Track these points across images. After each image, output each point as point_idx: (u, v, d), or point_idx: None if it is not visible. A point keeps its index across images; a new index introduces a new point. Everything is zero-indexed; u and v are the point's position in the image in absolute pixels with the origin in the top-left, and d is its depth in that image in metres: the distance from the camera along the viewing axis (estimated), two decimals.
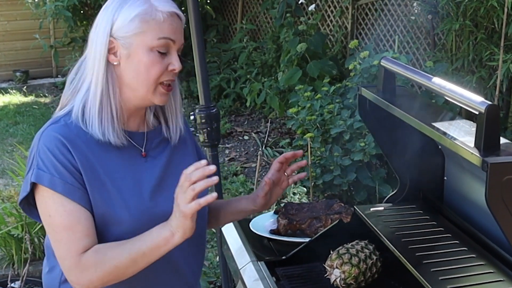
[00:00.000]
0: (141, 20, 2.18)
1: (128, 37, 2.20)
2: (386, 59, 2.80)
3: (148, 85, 2.22)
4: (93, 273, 2.13)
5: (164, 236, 2.10)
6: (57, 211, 2.16)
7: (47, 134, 2.19)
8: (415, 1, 7.52)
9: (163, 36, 2.20)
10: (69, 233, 2.15)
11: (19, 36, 12.26)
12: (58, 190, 2.14)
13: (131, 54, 2.21)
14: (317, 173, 6.01)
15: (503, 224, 2.05)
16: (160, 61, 2.21)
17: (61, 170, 2.15)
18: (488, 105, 2.04)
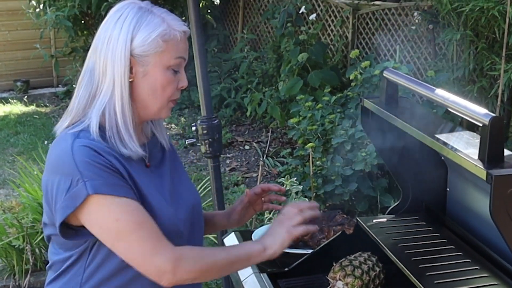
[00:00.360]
0: (162, 39, 2.20)
1: (146, 55, 2.21)
2: (389, 70, 2.80)
3: (163, 102, 2.26)
4: (195, 263, 2.17)
5: (257, 249, 2.27)
6: (124, 213, 2.12)
7: (78, 148, 2.14)
8: (415, 11, 7.52)
9: (180, 56, 2.24)
10: (146, 227, 2.14)
11: (20, 46, 12.26)
12: (121, 193, 2.13)
13: (148, 72, 2.22)
14: (319, 183, 6.01)
15: (507, 236, 2.05)
16: (174, 80, 2.25)
17: (111, 174, 2.13)
18: (492, 118, 2.03)
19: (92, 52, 2.26)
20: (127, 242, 2.14)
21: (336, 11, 9.06)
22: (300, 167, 6.55)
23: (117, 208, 2.12)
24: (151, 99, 2.25)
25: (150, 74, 2.22)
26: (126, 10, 2.22)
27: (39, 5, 10.32)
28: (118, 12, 2.23)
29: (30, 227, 5.33)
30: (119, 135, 2.21)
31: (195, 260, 2.17)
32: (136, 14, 2.21)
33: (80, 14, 9.91)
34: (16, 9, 11.40)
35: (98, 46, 2.23)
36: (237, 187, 7.46)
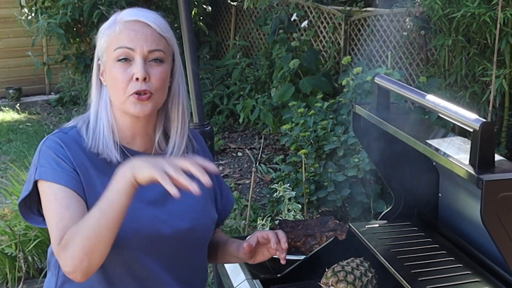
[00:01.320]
0: (105, 35, 2.26)
1: (102, 55, 2.28)
2: (380, 76, 2.81)
3: (119, 96, 2.24)
4: (72, 246, 2.02)
5: (118, 175, 2.03)
6: (49, 201, 2.16)
7: (49, 139, 2.25)
8: (407, 17, 7.54)
9: (118, 46, 2.21)
10: (57, 220, 2.12)
11: (12, 53, 12.24)
12: (61, 182, 2.15)
13: (106, 70, 2.27)
14: (311, 189, 6.01)
15: (498, 241, 2.05)
16: (123, 71, 2.21)
17: (61, 163, 2.18)
18: (483, 123, 2.04)
19: None
20: (48, 226, 2.17)
21: (328, 17, 9.08)
22: (293, 173, 6.55)
23: (50, 194, 2.16)
24: (113, 96, 2.27)
25: (107, 71, 2.26)
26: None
27: (31, 13, 10.32)
28: None
29: (22, 235, 5.33)
30: (94, 135, 2.26)
31: (73, 239, 2.02)
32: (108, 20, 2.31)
33: (72, 21, 9.90)
34: (8, 17, 11.39)
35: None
36: None
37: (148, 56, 2.22)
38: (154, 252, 2.26)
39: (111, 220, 2.01)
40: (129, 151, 2.31)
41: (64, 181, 2.15)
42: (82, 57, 10.30)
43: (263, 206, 6.99)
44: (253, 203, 6.87)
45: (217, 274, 3.47)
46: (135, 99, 2.21)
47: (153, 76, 2.22)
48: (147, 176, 1.96)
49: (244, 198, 7.28)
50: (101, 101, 2.29)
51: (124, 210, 2.02)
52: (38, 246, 5.37)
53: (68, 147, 2.21)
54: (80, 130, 2.28)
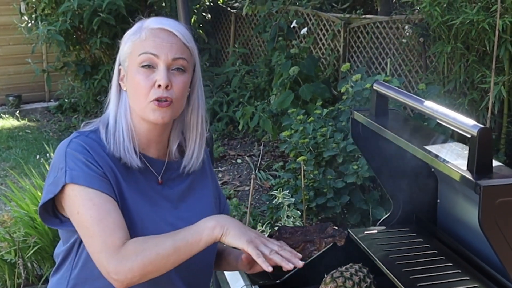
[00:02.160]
0: (130, 41, 2.28)
1: (124, 60, 2.29)
2: (379, 83, 2.81)
3: (141, 102, 2.25)
4: (134, 261, 2.07)
5: (208, 226, 2.09)
6: (85, 206, 2.15)
7: (73, 142, 2.24)
8: (406, 24, 7.56)
9: (143, 52, 2.23)
10: (101, 226, 2.12)
11: (12, 60, 12.25)
12: (94, 186, 2.16)
13: (128, 76, 2.28)
14: (311, 196, 6.01)
15: (496, 247, 2.06)
16: (145, 78, 2.23)
17: (92, 167, 2.18)
18: (480, 128, 2.05)
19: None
20: (85, 234, 2.18)
21: (327, 24, 9.09)
22: (292, 180, 6.56)
23: (81, 200, 2.16)
24: (133, 101, 2.28)
25: (129, 77, 2.28)
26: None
27: (31, 20, 10.33)
28: None
29: (22, 241, 5.32)
30: (114, 139, 2.27)
31: (137, 255, 2.08)
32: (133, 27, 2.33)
33: (72, 28, 9.92)
34: (8, 24, 11.39)
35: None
36: (230, 201, 7.45)
37: (171, 64, 2.25)
38: None
39: (180, 259, 2.11)
40: (145, 157, 2.33)
41: (97, 185, 2.16)
42: (82, 64, 10.32)
43: (262, 212, 6.99)
44: (252, 210, 6.87)
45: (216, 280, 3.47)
46: (155, 106, 2.23)
47: (175, 84, 2.24)
48: (236, 245, 2.06)
49: (243, 204, 7.28)
50: (121, 106, 2.31)
51: (194, 254, 2.12)
52: (37, 252, 5.37)
53: (94, 151, 2.22)
54: (101, 135, 2.28)
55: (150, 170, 2.34)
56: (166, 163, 2.37)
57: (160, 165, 2.35)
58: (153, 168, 2.34)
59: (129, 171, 2.27)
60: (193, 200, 2.31)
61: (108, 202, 2.16)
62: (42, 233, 5.34)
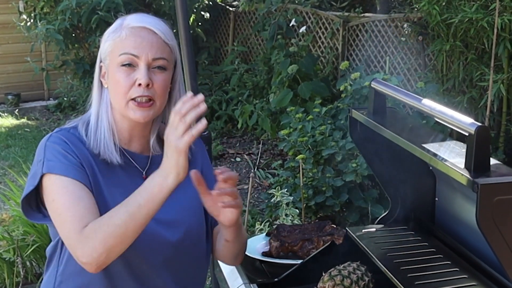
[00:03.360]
0: (110, 39, 2.28)
1: (105, 58, 2.30)
2: (376, 81, 2.81)
3: (120, 100, 2.26)
4: (94, 238, 2.07)
5: (157, 182, 2.06)
6: (59, 193, 2.17)
7: (53, 136, 2.27)
8: (405, 23, 7.56)
9: (124, 52, 2.23)
10: (72, 212, 2.14)
11: (11, 59, 12.25)
12: (70, 175, 2.17)
13: (109, 74, 2.28)
14: (309, 194, 6.01)
15: (494, 245, 2.06)
16: (126, 76, 2.23)
17: (69, 157, 2.20)
18: (478, 127, 2.05)
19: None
20: (58, 221, 2.19)
21: (326, 23, 9.09)
22: (291, 178, 6.55)
23: (56, 188, 2.18)
24: (114, 99, 2.29)
25: (109, 75, 2.28)
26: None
27: (30, 19, 10.33)
28: None
29: (20, 240, 5.33)
30: (95, 136, 2.28)
31: (96, 232, 2.08)
32: (113, 24, 2.32)
33: (71, 27, 9.90)
34: (7, 23, 11.39)
35: None
36: None
37: (152, 63, 2.25)
38: (155, 251, 2.29)
39: (139, 224, 2.08)
40: (128, 152, 2.34)
41: (73, 174, 2.18)
42: (81, 63, 10.30)
43: (261, 211, 7.00)
44: (251, 208, 6.87)
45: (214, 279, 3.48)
46: (134, 106, 2.24)
47: (155, 83, 2.24)
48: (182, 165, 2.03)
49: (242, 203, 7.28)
50: (102, 103, 2.32)
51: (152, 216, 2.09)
52: (36, 251, 5.37)
53: (72, 144, 2.24)
54: (80, 131, 2.30)
55: (134, 165, 2.34)
56: (151, 157, 2.37)
57: (144, 160, 2.36)
58: (137, 163, 2.35)
59: (109, 166, 2.28)
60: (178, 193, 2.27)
61: (82, 189, 2.18)
62: (40, 231, 5.34)
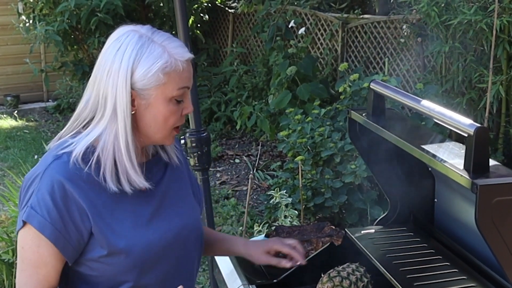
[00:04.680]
0: (163, 72, 2.14)
1: (147, 89, 2.15)
2: (376, 82, 2.81)
3: (165, 132, 2.22)
4: None
5: None
6: (30, 248, 2.16)
7: (50, 173, 2.16)
8: (404, 24, 7.56)
9: (183, 86, 2.18)
10: (33, 271, 2.17)
11: (10, 60, 12.24)
12: (45, 234, 2.13)
13: (150, 104, 2.17)
14: (308, 195, 6.01)
15: (493, 246, 2.06)
16: (177, 110, 2.20)
17: (54, 216, 2.13)
18: (477, 128, 2.05)
19: (92, 82, 2.23)
20: (19, 267, 2.21)
21: (325, 24, 9.09)
22: (290, 180, 6.55)
23: (30, 240, 2.16)
24: (153, 130, 2.21)
25: (153, 106, 2.17)
26: (126, 40, 2.16)
27: (29, 20, 10.32)
28: (118, 41, 2.18)
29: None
30: (117, 170, 2.18)
31: None
32: (136, 45, 2.14)
33: (70, 28, 9.91)
34: (6, 24, 11.39)
35: (98, 77, 2.19)
36: (227, 201, 7.46)
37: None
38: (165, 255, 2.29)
39: None
40: None
41: (48, 234, 2.13)
42: (80, 64, 10.30)
43: (260, 212, 7.00)
44: (250, 210, 6.87)
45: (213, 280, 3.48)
46: (176, 132, 2.25)
47: None
48: None
49: (241, 204, 7.29)
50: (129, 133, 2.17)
51: None
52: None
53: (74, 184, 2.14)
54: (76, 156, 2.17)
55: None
56: (145, 163, 2.32)
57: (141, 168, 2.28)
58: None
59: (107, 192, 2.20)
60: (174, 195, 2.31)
61: (51, 254, 2.15)
62: None
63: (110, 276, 2.22)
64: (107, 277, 2.22)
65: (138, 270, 2.22)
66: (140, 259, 2.21)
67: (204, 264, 5.79)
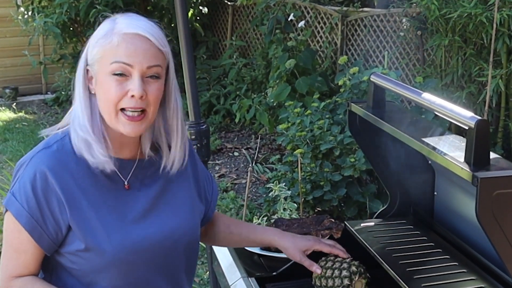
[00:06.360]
0: (100, 45, 2.14)
1: (93, 63, 2.16)
2: (376, 74, 2.81)
3: (109, 111, 2.15)
4: None
5: None
6: (13, 233, 2.17)
7: (35, 161, 2.17)
8: (404, 17, 7.55)
9: (115, 60, 2.11)
10: (13, 255, 2.19)
11: (9, 53, 12.22)
12: (21, 222, 2.14)
13: (97, 80, 2.16)
14: (307, 189, 6.01)
15: (494, 239, 2.05)
16: (116, 86, 2.12)
17: (32, 205, 2.14)
18: (478, 120, 2.04)
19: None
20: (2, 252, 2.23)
21: (325, 17, 9.08)
22: (289, 173, 6.55)
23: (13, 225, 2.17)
24: (103, 109, 2.18)
25: (98, 82, 2.16)
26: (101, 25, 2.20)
27: (28, 12, 10.31)
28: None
29: None
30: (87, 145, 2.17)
31: None
32: (101, 28, 2.17)
33: (69, 20, 9.90)
34: (5, 16, 11.38)
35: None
36: (226, 194, 7.46)
37: (146, 72, 2.13)
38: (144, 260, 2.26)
39: None
40: (117, 160, 2.24)
41: (24, 223, 2.15)
42: (79, 57, 10.23)
43: (259, 205, 7.00)
44: (249, 203, 6.87)
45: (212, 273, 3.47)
46: (125, 119, 2.15)
47: (149, 93, 2.14)
48: None
49: (240, 197, 7.29)
50: (92, 111, 2.19)
51: None
52: None
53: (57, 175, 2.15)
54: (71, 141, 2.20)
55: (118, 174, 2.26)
56: (137, 161, 2.29)
57: (130, 166, 2.27)
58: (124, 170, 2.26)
59: (99, 177, 2.21)
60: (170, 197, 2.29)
61: (30, 242, 2.17)
62: None
63: (88, 271, 2.21)
64: (85, 271, 2.21)
65: (115, 271, 2.20)
66: (118, 259, 2.19)
67: (203, 256, 5.79)
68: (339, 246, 2.69)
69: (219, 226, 2.68)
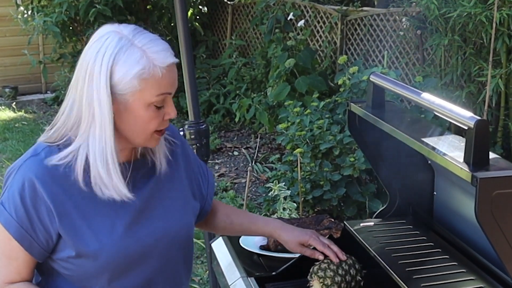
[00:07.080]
0: (140, 78, 2.08)
1: (124, 94, 2.10)
2: (375, 74, 2.80)
3: (146, 136, 2.17)
4: None
5: None
6: (3, 240, 2.17)
7: (23, 170, 2.16)
8: (403, 17, 7.55)
9: (161, 93, 2.12)
10: (5, 262, 2.19)
11: (8, 52, 12.22)
12: (10, 231, 2.14)
13: (128, 108, 2.12)
14: (307, 188, 6.01)
15: (493, 239, 2.05)
16: (157, 115, 2.14)
17: (21, 214, 2.14)
18: (477, 120, 2.04)
19: (74, 83, 2.18)
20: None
21: (324, 17, 9.08)
22: (289, 172, 6.55)
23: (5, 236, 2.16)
24: (132, 133, 2.17)
25: (130, 111, 2.12)
26: (106, 41, 2.11)
27: (27, 11, 10.31)
28: (99, 42, 2.13)
29: None
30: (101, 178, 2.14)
31: None
32: (115, 48, 2.08)
33: (68, 20, 9.90)
34: (4, 15, 11.38)
35: (80, 79, 2.15)
36: (226, 193, 7.46)
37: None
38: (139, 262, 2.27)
39: None
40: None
41: (13, 232, 2.15)
42: (78, 56, 10.26)
43: (259, 205, 7.00)
44: (248, 202, 6.87)
45: (212, 272, 3.47)
46: (158, 136, 2.20)
47: None
48: None
49: (240, 197, 7.29)
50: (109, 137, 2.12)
51: None
52: None
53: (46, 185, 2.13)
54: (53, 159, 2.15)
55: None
56: (132, 163, 2.28)
57: (125, 169, 2.24)
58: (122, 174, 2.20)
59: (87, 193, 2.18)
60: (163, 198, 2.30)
61: (21, 250, 2.17)
62: None
63: (81, 276, 2.22)
64: (79, 276, 2.22)
65: (108, 275, 2.21)
66: (111, 264, 2.19)
67: (202, 256, 5.79)
68: (333, 247, 2.67)
69: (219, 216, 2.70)
